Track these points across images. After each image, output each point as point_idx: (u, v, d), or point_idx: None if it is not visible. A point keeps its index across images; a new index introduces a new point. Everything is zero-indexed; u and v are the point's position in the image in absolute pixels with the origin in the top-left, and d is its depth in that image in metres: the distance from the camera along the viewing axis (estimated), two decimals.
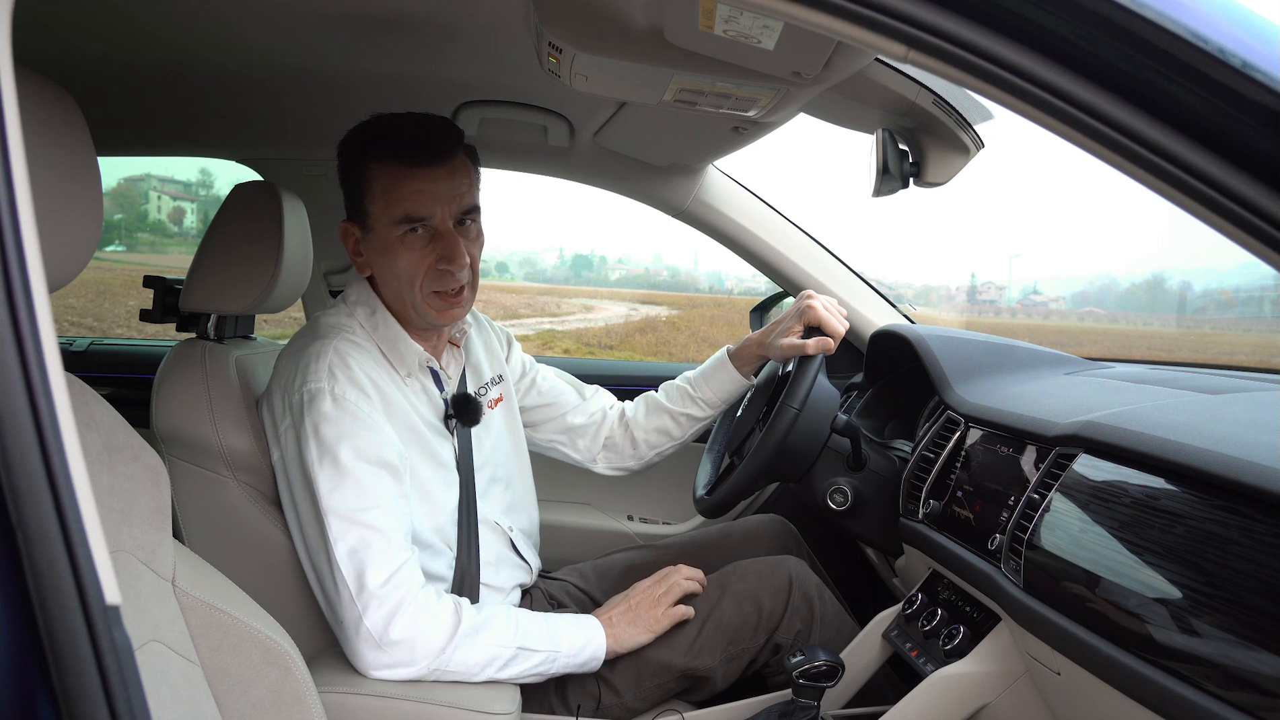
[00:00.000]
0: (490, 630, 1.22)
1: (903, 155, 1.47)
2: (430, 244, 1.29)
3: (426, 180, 1.26)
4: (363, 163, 1.29)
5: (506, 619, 1.25)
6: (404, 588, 1.17)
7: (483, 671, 1.20)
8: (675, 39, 1.11)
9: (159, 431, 1.37)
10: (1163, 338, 15.89)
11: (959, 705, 1.18)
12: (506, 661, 1.22)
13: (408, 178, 1.26)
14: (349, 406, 1.22)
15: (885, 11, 0.62)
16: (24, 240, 0.49)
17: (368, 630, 1.15)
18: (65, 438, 0.49)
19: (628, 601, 1.38)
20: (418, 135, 1.27)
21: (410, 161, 1.26)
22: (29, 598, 0.48)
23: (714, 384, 1.62)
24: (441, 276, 1.29)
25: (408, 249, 1.28)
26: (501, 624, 1.24)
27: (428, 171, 1.26)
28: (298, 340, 1.34)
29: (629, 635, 1.34)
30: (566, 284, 25.29)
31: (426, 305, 1.31)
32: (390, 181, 1.26)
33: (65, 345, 2.51)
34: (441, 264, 1.28)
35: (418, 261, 1.28)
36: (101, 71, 1.59)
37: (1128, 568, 0.90)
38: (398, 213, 1.26)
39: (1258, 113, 0.57)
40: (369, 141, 1.29)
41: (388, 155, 1.26)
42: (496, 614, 1.25)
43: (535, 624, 1.27)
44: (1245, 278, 12.83)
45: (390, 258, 1.29)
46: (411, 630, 1.16)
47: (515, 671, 1.23)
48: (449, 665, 1.18)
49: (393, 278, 1.31)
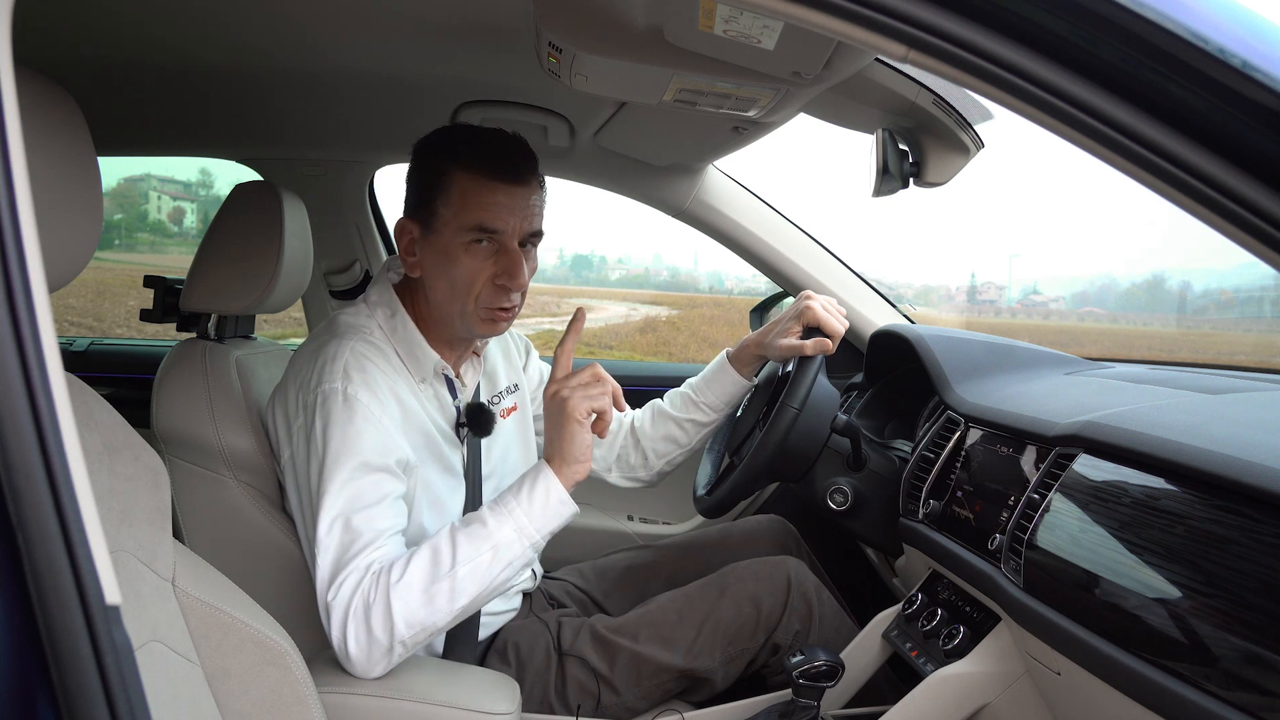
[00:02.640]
0: (419, 579, 1.13)
1: (903, 155, 1.47)
2: (494, 257, 1.28)
3: (507, 194, 1.26)
4: (446, 165, 1.28)
5: (430, 555, 1.15)
6: (348, 595, 1.13)
7: (442, 614, 1.14)
8: (675, 39, 1.11)
9: (159, 431, 1.37)
10: (1163, 338, 15.88)
11: (959, 705, 1.18)
12: (454, 590, 1.14)
13: (489, 188, 1.26)
14: (359, 408, 1.21)
15: (885, 11, 0.62)
16: (24, 240, 0.49)
17: (334, 638, 1.13)
18: (65, 438, 0.49)
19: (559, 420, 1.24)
20: (507, 151, 1.28)
21: (496, 174, 1.26)
22: (29, 598, 0.48)
23: (715, 388, 1.62)
24: (497, 292, 1.29)
25: (471, 257, 1.27)
26: (427, 563, 1.14)
27: (509, 187, 1.26)
28: (316, 339, 1.33)
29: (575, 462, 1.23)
30: (566, 284, 25.29)
31: (476, 315, 1.30)
32: (470, 188, 1.26)
33: (65, 345, 2.51)
34: (501, 279, 1.28)
35: (478, 271, 1.28)
36: (101, 71, 1.59)
37: (1128, 568, 0.90)
38: (471, 219, 1.26)
39: (1258, 113, 0.57)
40: (456, 145, 1.29)
41: (474, 162, 1.26)
42: (420, 557, 1.15)
43: (464, 536, 1.16)
44: (1245, 278, 12.82)
45: (449, 263, 1.28)
46: (363, 633, 1.12)
47: (480, 586, 1.15)
48: (411, 640, 1.13)
49: (446, 283, 1.30)
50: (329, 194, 2.11)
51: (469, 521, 1.19)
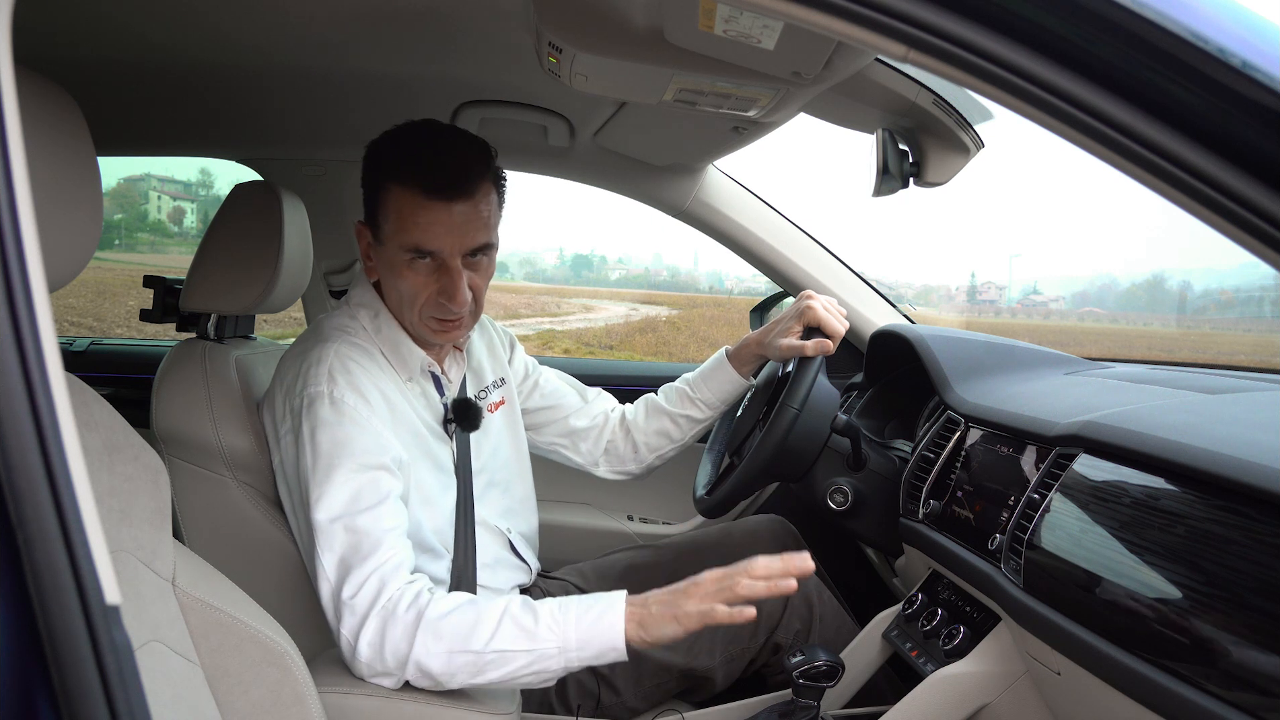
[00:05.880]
0: (450, 636, 1.10)
1: (903, 155, 1.47)
2: (435, 274, 1.26)
3: (443, 212, 1.22)
4: (383, 180, 1.25)
5: (474, 621, 1.10)
6: (371, 596, 1.12)
7: (457, 681, 1.11)
8: (675, 39, 1.11)
9: (159, 431, 1.37)
10: (1163, 338, 15.90)
11: (959, 705, 1.18)
12: (478, 668, 1.10)
13: (422, 208, 1.22)
14: (347, 410, 1.21)
15: (885, 11, 0.62)
16: (24, 240, 0.49)
17: (345, 638, 1.13)
18: (65, 438, 0.49)
19: (682, 587, 1.14)
20: (441, 163, 1.22)
21: (429, 191, 1.21)
22: (29, 598, 0.48)
23: (713, 385, 1.62)
24: (440, 307, 1.28)
25: (413, 273, 1.26)
26: (466, 628, 1.10)
27: (445, 205, 1.22)
28: (301, 343, 1.34)
29: (657, 624, 1.10)
30: (566, 284, 25.30)
31: (424, 326, 1.30)
32: (404, 207, 1.23)
33: (65, 345, 2.51)
34: (441, 298, 1.26)
35: (420, 288, 1.26)
36: (101, 71, 1.59)
37: (1128, 568, 0.90)
38: (408, 240, 1.23)
39: (1258, 113, 0.57)
40: (391, 157, 1.25)
41: (407, 179, 1.22)
42: (464, 616, 1.11)
43: (511, 624, 1.10)
44: (1245, 278, 12.84)
45: (395, 277, 1.27)
46: (378, 640, 1.11)
47: (503, 677, 1.11)
48: (414, 679, 1.12)
49: (395, 294, 1.30)
50: (329, 194, 2.11)
51: (527, 609, 1.11)
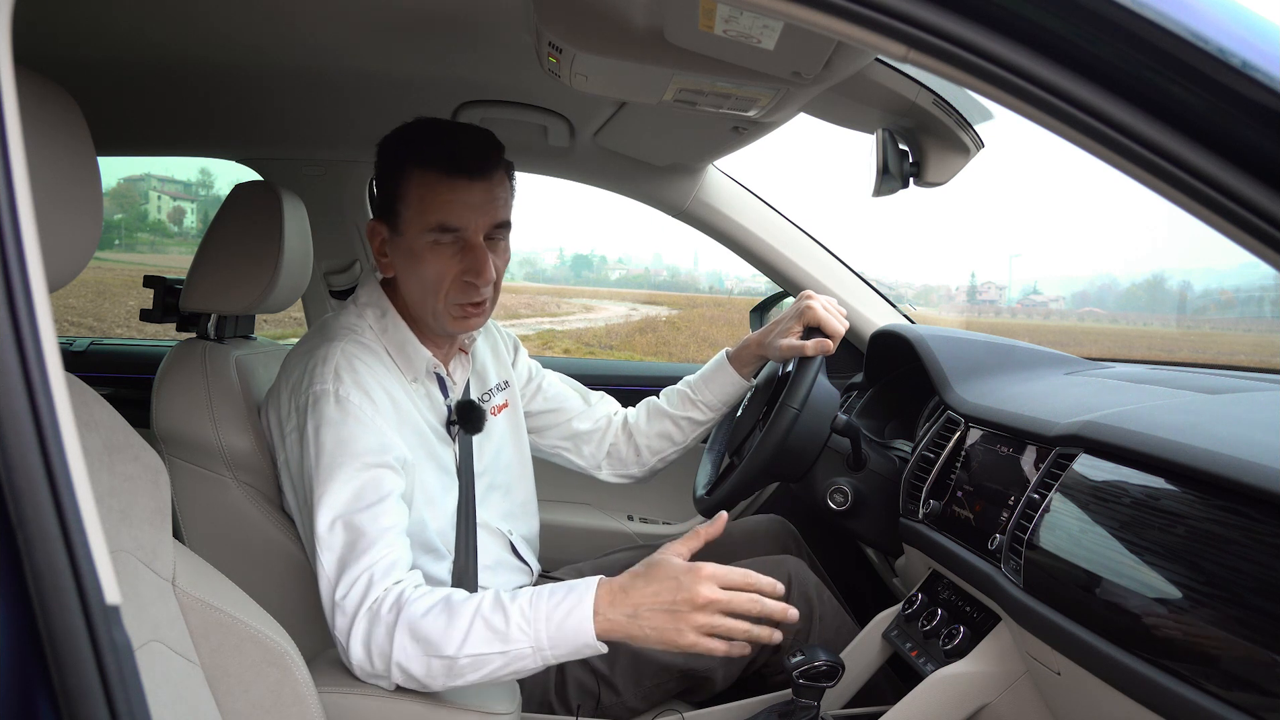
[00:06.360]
0: (425, 640, 1.08)
1: (903, 155, 1.47)
2: (459, 254, 1.27)
3: (464, 191, 1.25)
4: (403, 165, 1.27)
5: (445, 625, 1.08)
6: (359, 596, 1.12)
7: (436, 683, 1.10)
8: (675, 39, 1.11)
9: (159, 431, 1.37)
10: (1163, 338, 15.90)
11: (959, 705, 1.18)
12: (454, 672, 1.09)
13: (446, 186, 1.25)
14: (352, 409, 1.21)
15: (885, 11, 0.62)
16: (24, 240, 0.49)
17: (339, 639, 1.13)
18: (65, 438, 0.49)
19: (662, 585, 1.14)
20: (460, 145, 1.26)
21: (450, 170, 1.24)
22: (29, 598, 0.48)
23: (714, 386, 1.62)
24: (465, 288, 1.29)
25: (436, 257, 1.27)
26: (439, 632, 1.08)
27: (466, 183, 1.25)
28: (307, 341, 1.34)
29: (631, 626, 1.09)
30: (566, 284, 25.28)
31: (446, 313, 1.30)
32: (428, 188, 1.25)
33: (65, 345, 2.51)
34: (468, 276, 1.27)
35: (444, 270, 1.27)
36: (101, 71, 1.59)
37: (1128, 568, 0.90)
38: (431, 220, 1.25)
39: (1258, 113, 0.57)
40: (411, 144, 1.28)
41: (428, 161, 1.25)
42: (437, 620, 1.08)
43: (483, 626, 1.08)
44: (1245, 278, 12.85)
45: (417, 264, 1.28)
46: (366, 640, 1.11)
47: (481, 678, 1.10)
48: (404, 681, 1.11)
49: (416, 283, 1.30)
50: (329, 194, 2.11)
51: (497, 608, 1.09)
